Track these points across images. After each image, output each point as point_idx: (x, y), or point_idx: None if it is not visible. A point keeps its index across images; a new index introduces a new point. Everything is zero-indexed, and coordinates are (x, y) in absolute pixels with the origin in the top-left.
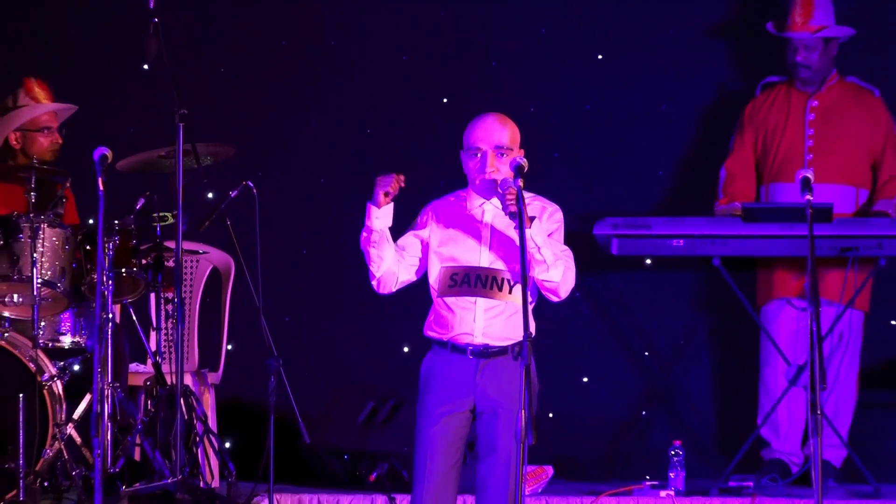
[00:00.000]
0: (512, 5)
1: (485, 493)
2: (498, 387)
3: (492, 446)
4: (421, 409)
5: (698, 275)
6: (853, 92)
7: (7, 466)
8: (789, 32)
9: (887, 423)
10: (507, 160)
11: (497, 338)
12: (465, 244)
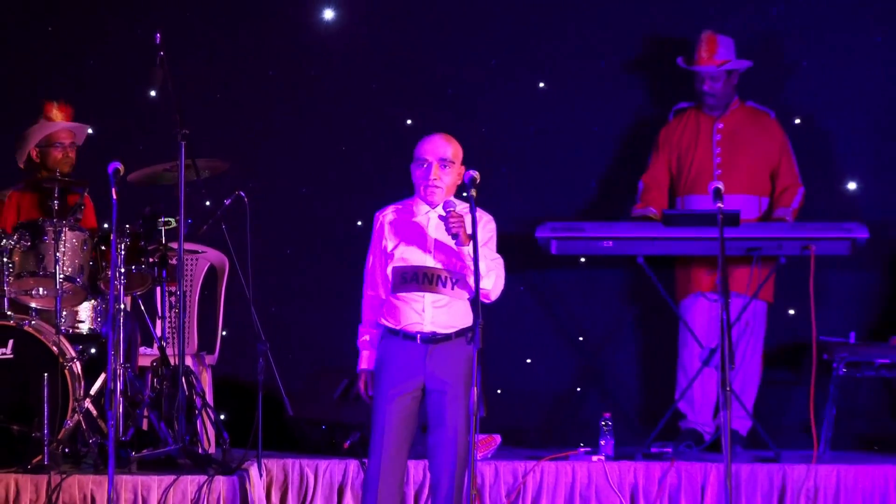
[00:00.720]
0: (466, 41)
1: (435, 459)
2: (445, 368)
3: (440, 420)
4: (377, 389)
5: (625, 271)
6: (752, 114)
7: (34, 435)
8: (697, 66)
9: (786, 397)
10: (448, 171)
11: (443, 326)
12: (413, 247)
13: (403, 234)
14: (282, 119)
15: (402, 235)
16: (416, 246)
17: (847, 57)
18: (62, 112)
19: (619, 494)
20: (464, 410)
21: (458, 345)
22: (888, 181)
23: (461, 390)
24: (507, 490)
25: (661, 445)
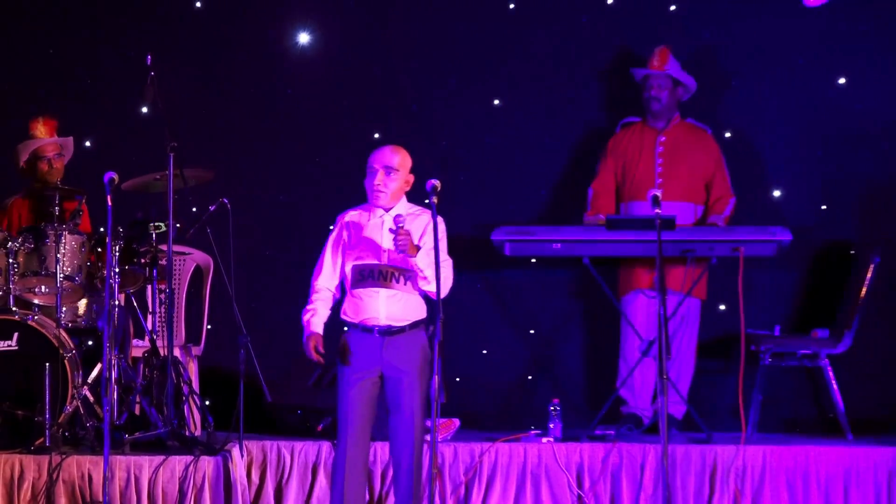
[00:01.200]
0: (428, 63)
1: (395, 440)
2: (400, 358)
3: (398, 404)
4: (341, 376)
5: (572, 271)
6: (691, 130)
7: (36, 420)
8: (648, 70)
9: (717, 385)
10: (393, 178)
11: (397, 319)
12: (369, 247)
13: (361, 236)
14: (262, 133)
15: (360, 236)
16: (372, 246)
17: (772, 78)
18: (46, 126)
19: (567, 473)
20: (419, 395)
21: (411, 336)
22: (808, 189)
23: (416, 377)
24: (465, 469)
25: (604, 428)
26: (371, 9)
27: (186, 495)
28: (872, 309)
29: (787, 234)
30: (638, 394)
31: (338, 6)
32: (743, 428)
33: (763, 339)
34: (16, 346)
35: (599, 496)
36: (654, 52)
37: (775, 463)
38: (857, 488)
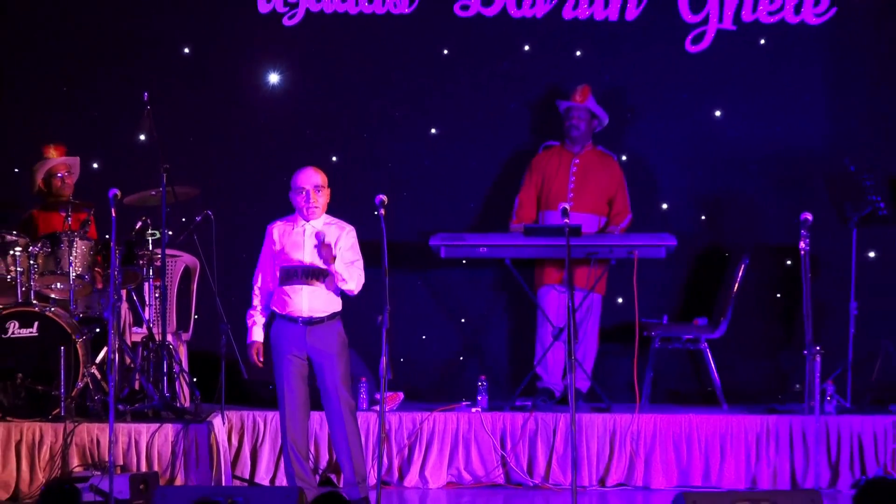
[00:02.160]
0: (377, 99)
1: (328, 413)
2: (321, 343)
3: (323, 383)
4: (275, 356)
5: (496, 270)
6: (601, 156)
7: (53, 393)
8: (571, 103)
9: (616, 364)
10: (321, 194)
11: (318, 311)
12: (294, 251)
13: (287, 241)
14: (239, 155)
15: (287, 242)
16: (297, 250)
17: (661, 111)
18: (57, 150)
19: (492, 437)
20: (339, 373)
21: (329, 325)
22: (691, 203)
23: (335, 359)
24: (408, 434)
25: (523, 400)
26: (329, 55)
27: (178, 456)
28: (743, 301)
29: (673, 239)
30: (551, 371)
31: (301, 54)
32: (637, 399)
33: (653, 326)
34: (36, 333)
35: (519, 456)
36: (576, 88)
37: (664, 428)
38: (731, 448)
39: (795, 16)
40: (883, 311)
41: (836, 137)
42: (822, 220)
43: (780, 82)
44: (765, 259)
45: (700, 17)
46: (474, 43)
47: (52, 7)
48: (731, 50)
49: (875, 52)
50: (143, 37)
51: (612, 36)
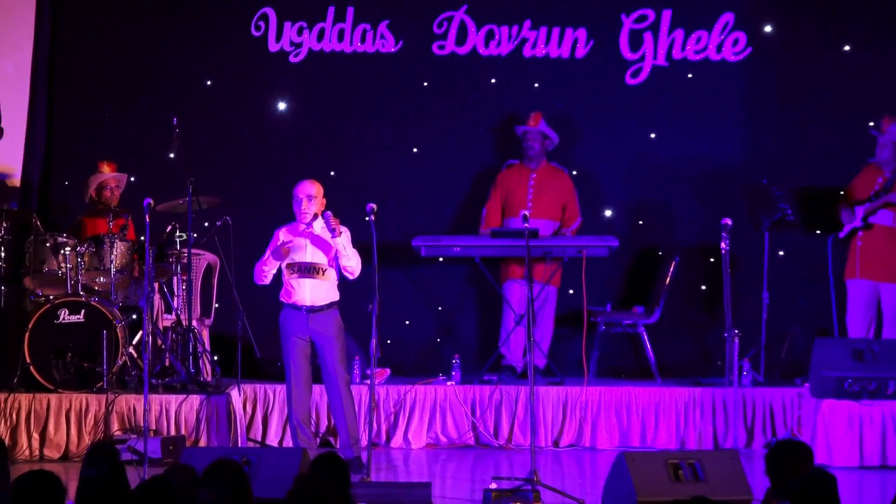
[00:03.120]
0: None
1: (328, 388)
2: (322, 328)
3: (323, 361)
4: (283, 339)
5: (468, 267)
6: (554, 170)
7: (97, 370)
8: (526, 127)
9: (568, 345)
10: (313, 203)
11: (319, 301)
12: (298, 249)
13: (293, 239)
14: (253, 170)
15: (292, 240)
16: (301, 249)
17: (605, 133)
18: (109, 167)
19: (464, 406)
20: (337, 354)
21: (329, 313)
22: (630, 210)
23: (333, 341)
24: (394, 403)
25: (490, 375)
26: (327, 86)
27: (201, 422)
28: (673, 292)
29: (615, 241)
30: (513, 351)
31: (305, 86)
32: (585, 374)
33: (599, 313)
34: (83, 319)
35: (486, 422)
36: (530, 114)
37: (607, 398)
38: (664, 415)
39: (717, 54)
40: (790, 301)
41: (751, 156)
42: (740, 224)
43: (705, 110)
44: (692, 257)
45: (638, 55)
46: (449, 77)
47: (99, 44)
48: (664, 82)
49: (783, 85)
50: (173, 71)
51: (565, 71)
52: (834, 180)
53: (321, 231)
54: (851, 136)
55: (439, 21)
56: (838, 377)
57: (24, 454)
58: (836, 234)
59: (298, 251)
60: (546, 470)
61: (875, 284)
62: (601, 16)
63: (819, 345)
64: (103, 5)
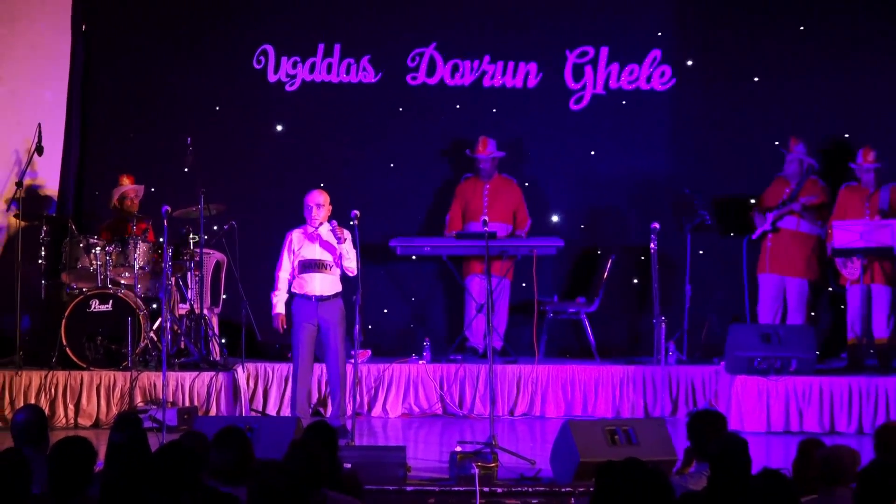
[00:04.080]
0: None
1: (328, 364)
2: (328, 315)
3: (328, 344)
4: (295, 323)
5: (437, 263)
6: (505, 181)
7: (123, 351)
8: (477, 154)
9: (522, 330)
10: (321, 210)
11: (326, 291)
12: (308, 248)
13: (303, 242)
14: (255, 182)
15: (302, 243)
16: (310, 246)
17: (552, 150)
18: (129, 179)
19: (434, 381)
20: (339, 337)
21: (334, 302)
22: (574, 215)
23: (336, 327)
24: (375, 379)
25: (455, 355)
26: (318, 111)
27: (211, 395)
28: (610, 285)
29: (561, 242)
30: (475, 334)
31: (299, 110)
32: (536, 354)
33: (547, 303)
34: (111, 308)
35: (453, 395)
36: (479, 140)
37: (554, 374)
38: (602, 389)
39: (647, 84)
40: (708, 292)
41: (676, 169)
42: (666, 228)
43: (637, 131)
44: (626, 255)
45: (580, 84)
46: (421, 103)
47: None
48: (602, 108)
49: (703, 110)
50: (187, 98)
51: (518, 98)
52: (744, 191)
53: (327, 234)
54: (759, 154)
55: (412, 56)
56: (749, 357)
57: (61, 422)
58: (750, 235)
59: (309, 250)
60: (503, 435)
61: (782, 278)
62: (549, 52)
63: (733, 329)
64: (128, 43)
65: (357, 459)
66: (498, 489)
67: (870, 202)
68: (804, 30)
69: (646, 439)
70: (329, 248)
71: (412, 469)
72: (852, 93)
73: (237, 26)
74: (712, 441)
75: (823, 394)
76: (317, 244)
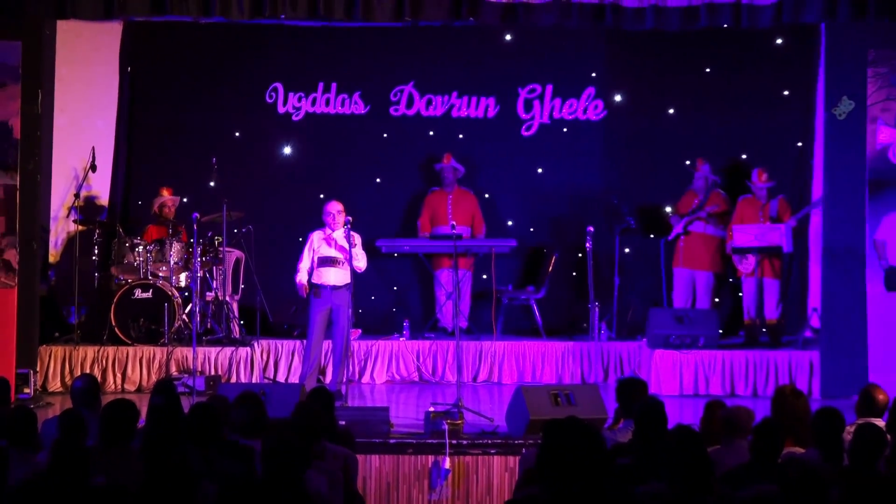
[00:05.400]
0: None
1: (334, 339)
2: (340, 301)
3: (338, 324)
4: (312, 307)
5: (414, 260)
6: (464, 192)
7: (160, 330)
8: (442, 163)
9: (483, 313)
10: (340, 216)
11: (338, 282)
12: (325, 248)
13: (321, 242)
14: (267, 195)
15: (321, 243)
16: (326, 247)
17: (507, 165)
18: (167, 192)
19: (411, 354)
20: (346, 320)
21: (344, 290)
22: (524, 220)
23: (345, 310)
24: (364, 353)
25: (429, 334)
26: (318, 136)
27: (233, 365)
28: (554, 277)
29: (514, 242)
30: (445, 315)
31: (303, 136)
32: (494, 333)
33: (503, 291)
34: (151, 296)
35: (427, 365)
36: (444, 155)
37: (509, 349)
38: (548, 360)
39: (584, 115)
40: (632, 283)
41: (607, 184)
42: (599, 230)
43: (575, 152)
44: (567, 253)
45: (530, 115)
46: (401, 131)
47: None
48: (547, 134)
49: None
50: (212, 126)
51: (480, 126)
52: (662, 201)
53: (341, 238)
54: (674, 171)
55: (394, 92)
56: (665, 334)
57: (110, 388)
58: (667, 237)
59: (326, 249)
60: (468, 398)
61: (692, 272)
62: (504, 89)
63: (652, 313)
64: (164, 82)
65: (350, 418)
66: (463, 441)
67: (763, 211)
68: (710, 72)
69: (583, 401)
70: (341, 248)
71: (394, 426)
72: (747, 123)
73: (253, 68)
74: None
75: (725, 364)
76: (332, 244)
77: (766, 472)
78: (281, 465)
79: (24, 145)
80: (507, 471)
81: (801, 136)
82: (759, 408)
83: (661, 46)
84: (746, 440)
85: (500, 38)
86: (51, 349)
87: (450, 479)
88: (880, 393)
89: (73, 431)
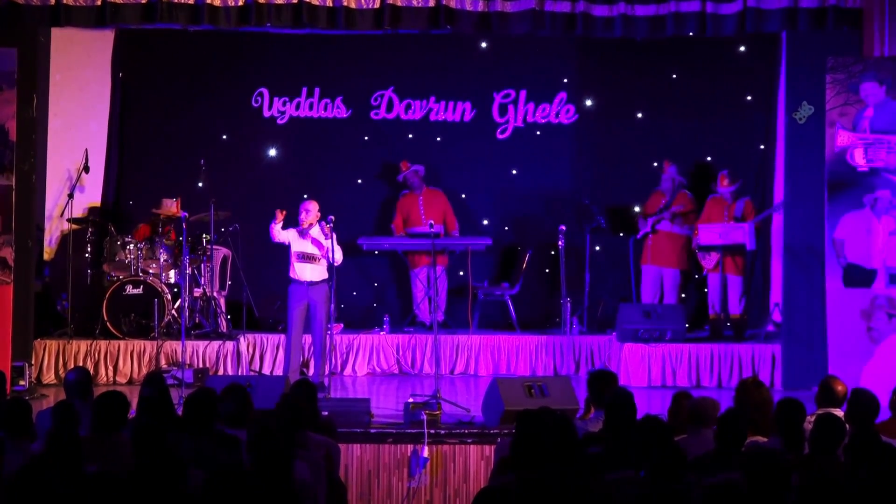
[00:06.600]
0: (325, 168)
1: (313, 334)
2: (316, 296)
3: (315, 319)
4: (290, 303)
5: (393, 257)
6: (434, 192)
7: (151, 325)
8: (403, 174)
9: (459, 308)
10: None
11: (315, 277)
12: (301, 243)
13: (298, 238)
14: (253, 195)
15: (298, 238)
16: (303, 242)
17: (482, 168)
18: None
19: (391, 347)
20: (323, 313)
21: (321, 286)
22: (499, 220)
23: (322, 305)
24: (346, 346)
25: (408, 328)
26: (302, 138)
27: (220, 358)
28: (528, 274)
29: (489, 240)
30: (423, 311)
31: (287, 139)
32: (470, 327)
33: (479, 287)
34: (141, 292)
35: (406, 357)
36: (400, 164)
37: (485, 342)
38: (522, 353)
39: (556, 119)
40: (603, 279)
41: (578, 184)
42: (571, 229)
43: (548, 154)
44: (540, 251)
45: (504, 119)
46: (381, 134)
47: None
48: (522, 137)
49: (599, 138)
50: (200, 129)
51: (457, 130)
52: (631, 201)
53: (318, 234)
54: (642, 173)
55: (375, 97)
56: (634, 328)
57: (102, 380)
58: (635, 235)
59: (302, 245)
60: (445, 389)
61: (659, 269)
62: (480, 93)
63: (622, 308)
64: (154, 87)
65: (332, 408)
66: (441, 431)
67: (728, 210)
68: (676, 78)
69: (555, 392)
70: (318, 244)
71: (375, 416)
72: (712, 127)
73: (240, 74)
74: (607, 394)
75: (691, 357)
76: (308, 241)
77: (730, 460)
78: (266, 454)
79: (19, 147)
80: (483, 459)
81: (763, 139)
82: (724, 399)
83: (630, 54)
84: (712, 429)
85: (476, 45)
86: (45, 343)
87: (428, 467)
88: (839, 384)
89: (67, 422)
